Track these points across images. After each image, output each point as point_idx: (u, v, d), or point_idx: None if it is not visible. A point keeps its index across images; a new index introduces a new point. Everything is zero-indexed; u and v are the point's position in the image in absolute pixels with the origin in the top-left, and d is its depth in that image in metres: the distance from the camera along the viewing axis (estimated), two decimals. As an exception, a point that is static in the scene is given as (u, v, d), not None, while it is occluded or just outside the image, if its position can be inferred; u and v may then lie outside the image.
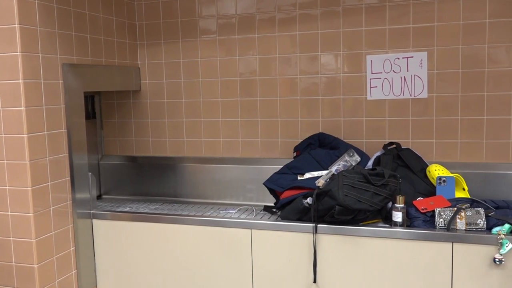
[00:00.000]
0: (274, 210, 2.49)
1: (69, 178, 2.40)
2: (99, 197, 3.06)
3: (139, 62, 3.01)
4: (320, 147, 2.59)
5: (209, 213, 2.62)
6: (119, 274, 2.56)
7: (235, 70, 2.83)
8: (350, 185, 2.12)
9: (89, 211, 2.54)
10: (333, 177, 2.24)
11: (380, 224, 2.22)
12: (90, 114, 3.05)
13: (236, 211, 2.62)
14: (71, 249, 2.44)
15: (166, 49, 2.95)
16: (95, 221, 2.56)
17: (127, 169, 3.06)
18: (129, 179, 3.05)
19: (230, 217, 2.48)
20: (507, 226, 1.99)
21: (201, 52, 2.89)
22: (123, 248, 2.53)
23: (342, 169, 2.36)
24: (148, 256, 2.50)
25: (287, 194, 2.35)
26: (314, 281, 2.21)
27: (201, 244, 2.40)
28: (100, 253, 2.57)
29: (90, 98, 3.04)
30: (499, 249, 1.95)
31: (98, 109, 3.09)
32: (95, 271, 2.59)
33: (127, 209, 2.75)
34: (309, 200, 2.21)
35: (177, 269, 2.45)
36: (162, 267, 2.48)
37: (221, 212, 2.62)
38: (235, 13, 2.81)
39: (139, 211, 2.68)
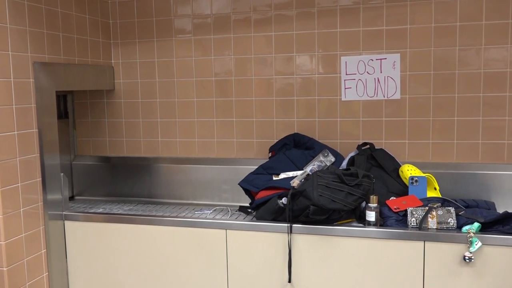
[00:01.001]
0: (249, 210, 2.49)
1: (40, 179, 2.35)
2: (71, 198, 3.01)
3: (113, 61, 2.97)
4: (295, 148, 2.60)
5: (184, 214, 2.60)
6: (92, 277, 2.52)
7: (211, 70, 2.82)
8: (324, 185, 2.14)
9: (61, 213, 2.49)
10: (308, 177, 2.25)
11: (354, 224, 2.24)
12: (63, 114, 3.00)
13: (211, 211, 2.61)
14: (42, 251, 2.39)
15: (140, 48, 2.92)
16: (67, 223, 2.51)
17: (100, 170, 3.02)
18: (103, 180, 3.01)
19: (205, 218, 2.47)
20: (476, 224, 2.04)
21: (176, 51, 2.87)
22: (96, 250, 2.50)
23: (317, 169, 2.38)
24: (121, 258, 2.46)
25: (262, 194, 2.36)
26: (289, 281, 2.22)
27: (176, 245, 2.38)
28: (73, 255, 2.53)
29: (62, 98, 2.99)
30: (468, 247, 2.00)
31: (70, 108, 3.04)
32: (67, 273, 2.54)
33: (100, 210, 2.71)
34: (284, 200, 2.22)
35: (152, 271, 2.43)
36: (136, 269, 2.45)
37: (196, 212, 2.61)
38: (210, 13, 2.80)
39: (112, 212, 2.65)
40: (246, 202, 2.54)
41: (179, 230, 2.37)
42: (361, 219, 2.23)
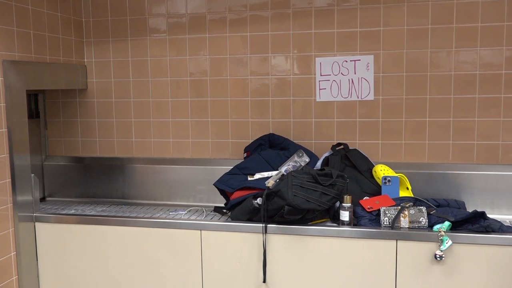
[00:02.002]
0: (224, 210, 2.48)
1: (9, 180, 2.30)
2: (42, 199, 2.95)
3: (85, 60, 2.93)
4: (270, 148, 2.61)
5: (158, 215, 2.58)
6: (63, 279, 2.47)
7: (186, 70, 2.81)
8: (299, 185, 2.15)
9: (32, 214, 2.44)
10: (282, 177, 2.26)
11: (328, 223, 2.26)
12: (34, 113, 2.93)
13: (186, 212, 2.60)
14: (12, 254, 2.33)
15: (114, 47, 2.88)
16: (38, 224, 2.46)
17: (72, 170, 2.96)
18: (75, 181, 2.96)
19: (180, 218, 2.45)
20: (447, 223, 2.08)
21: (150, 51, 2.84)
22: (68, 252, 2.45)
23: (292, 170, 2.39)
24: (94, 260, 2.43)
25: (237, 194, 2.35)
26: (264, 281, 2.23)
27: (150, 246, 2.36)
28: (44, 258, 2.48)
29: (33, 97, 2.92)
30: (439, 246, 2.04)
31: (42, 108, 2.97)
32: (38, 276, 2.49)
33: (72, 211, 2.67)
34: (259, 200, 2.22)
35: (125, 273, 2.40)
36: (110, 271, 2.42)
37: (170, 213, 2.59)
38: (185, 13, 2.78)
39: (85, 214, 2.60)
40: (221, 202, 2.53)
41: (153, 231, 2.35)
42: (335, 219, 2.25)
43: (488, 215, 2.15)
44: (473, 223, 2.10)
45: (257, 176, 2.42)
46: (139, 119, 2.89)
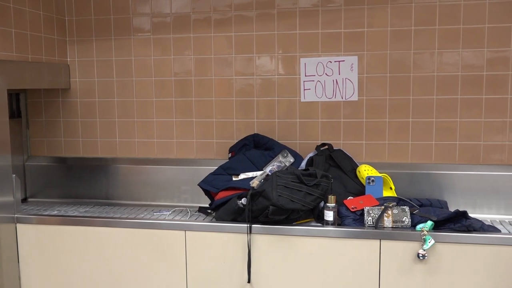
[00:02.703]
0: (209, 211, 2.48)
1: (-10, 180, 2.26)
2: (24, 200, 2.91)
3: (68, 59, 2.89)
4: (255, 148, 2.61)
5: (142, 215, 2.56)
6: (46, 281, 2.44)
7: (170, 69, 2.79)
8: (283, 186, 2.15)
9: (13, 215, 2.40)
10: (267, 177, 2.26)
11: (313, 223, 2.27)
12: (15, 113, 2.89)
13: (170, 212, 2.58)
14: (-7, 256, 2.30)
15: (97, 46, 2.86)
16: (19, 226, 2.43)
17: (55, 171, 2.93)
18: (58, 181, 2.92)
19: (164, 219, 2.44)
20: (429, 223, 2.10)
21: (134, 50, 2.82)
22: (51, 253, 2.42)
23: (276, 170, 2.39)
24: (77, 262, 2.40)
25: (222, 195, 2.35)
26: (249, 281, 2.23)
27: (134, 247, 2.34)
28: (25, 260, 2.44)
29: (15, 96, 2.88)
30: (422, 245, 2.06)
31: (23, 107, 2.93)
32: (19, 278, 2.45)
33: (55, 212, 2.63)
34: (243, 200, 2.22)
35: (109, 274, 2.38)
36: (93, 272, 2.39)
37: (155, 214, 2.57)
38: (170, 12, 2.77)
39: (67, 215, 2.57)
40: (205, 203, 2.52)
41: (137, 232, 2.34)
42: (320, 219, 2.26)
43: (470, 215, 2.18)
44: (455, 222, 2.13)
45: (242, 176, 2.42)
46: (123, 119, 2.87)
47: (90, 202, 2.85)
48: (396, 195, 2.40)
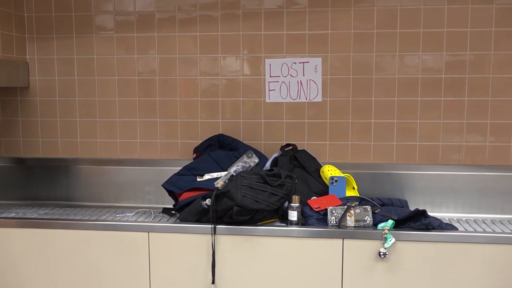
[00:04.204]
0: (173, 212, 2.46)
1: None
2: (-20, 202, 2.81)
3: (27, 57, 2.81)
4: (219, 149, 2.60)
5: (104, 217, 2.51)
6: (3, 286, 2.36)
7: (134, 69, 2.75)
8: (248, 186, 2.16)
9: (-32, 218, 2.32)
10: (231, 178, 2.26)
11: (277, 223, 2.28)
12: (-30, 112, 2.79)
13: (133, 214, 2.55)
14: None
15: (58, 44, 2.78)
16: (-26, 229, 2.34)
17: (13, 172, 2.84)
18: (16, 183, 2.83)
19: (127, 220, 2.40)
20: (390, 222, 2.15)
21: (97, 49, 2.77)
22: (9, 257, 2.34)
23: (241, 170, 2.40)
24: (37, 265, 2.33)
25: (186, 195, 2.33)
26: (213, 282, 2.22)
27: (96, 250, 2.29)
28: (-19, 264, 2.36)
29: (-30, 94, 2.78)
30: (383, 244, 2.10)
31: (-21, 106, 2.84)
32: (-26, 283, 2.37)
33: (13, 214, 2.55)
34: (208, 201, 2.21)
35: (70, 278, 2.32)
36: (54, 277, 2.33)
37: (117, 215, 2.53)
38: (133, 10, 2.73)
39: (26, 217, 2.49)
40: (170, 203, 2.50)
41: (99, 234, 2.29)
42: (284, 219, 2.28)
43: (429, 213, 2.24)
44: (415, 221, 2.18)
45: (206, 177, 2.41)
46: (85, 118, 2.81)
47: (50, 204, 2.78)
48: (358, 195, 2.44)
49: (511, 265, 2.09)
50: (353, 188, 2.48)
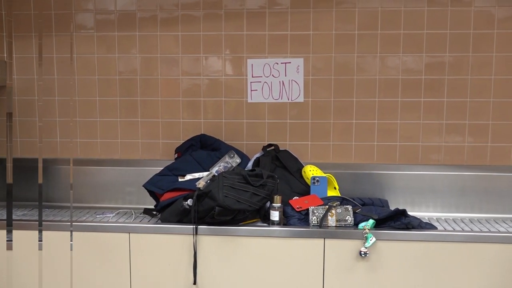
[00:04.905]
0: (154, 212, 2.44)
1: None
2: (-44, 203, 2.75)
3: (6, 55, 2.76)
4: (201, 149, 2.59)
5: (84, 218, 2.48)
6: (-21, 288, 2.32)
7: (115, 68, 2.72)
8: (230, 186, 2.16)
9: None
10: (213, 178, 2.25)
11: (259, 224, 2.29)
12: None
13: (114, 214, 2.52)
14: None
15: (37, 42, 2.74)
16: (-51, 231, 2.29)
17: (-10, 172, 2.79)
18: (-7, 183, 2.78)
19: (107, 221, 2.37)
20: (371, 221, 2.17)
21: (77, 47, 2.73)
22: (-15, 259, 2.30)
23: (223, 170, 2.39)
24: (15, 268, 2.29)
25: (167, 196, 2.32)
26: (194, 283, 2.21)
27: (75, 251, 2.26)
28: (-44, 266, 2.31)
29: None
30: (364, 243, 2.12)
31: (-45, 105, 2.78)
32: (-51, 286, 2.32)
33: (-10, 216, 2.51)
34: (189, 201, 2.20)
35: (50, 280, 2.28)
36: (32, 279, 2.29)
37: (98, 216, 2.50)
38: (114, 9, 2.70)
39: (3, 218, 2.45)
40: (151, 204, 2.48)
41: (79, 235, 2.26)
42: (266, 219, 2.28)
43: (409, 213, 2.26)
44: (395, 220, 2.21)
45: (188, 177, 2.40)
46: (64, 118, 2.77)
47: (29, 205, 2.73)
48: (340, 195, 2.46)
49: (489, 263, 2.13)
50: (335, 188, 2.50)
